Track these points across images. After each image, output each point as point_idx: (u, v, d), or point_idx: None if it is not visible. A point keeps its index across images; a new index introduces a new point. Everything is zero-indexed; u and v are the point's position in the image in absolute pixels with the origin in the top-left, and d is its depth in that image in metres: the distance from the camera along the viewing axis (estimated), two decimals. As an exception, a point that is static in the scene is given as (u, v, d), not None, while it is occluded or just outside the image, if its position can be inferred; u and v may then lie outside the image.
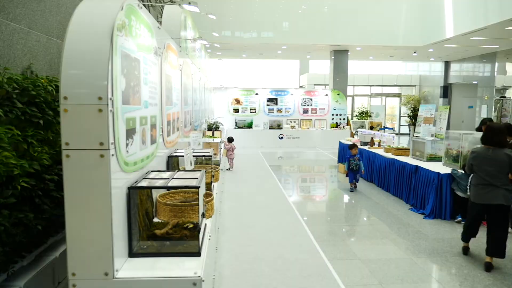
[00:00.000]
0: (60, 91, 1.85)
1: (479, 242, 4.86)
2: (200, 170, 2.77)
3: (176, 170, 2.89)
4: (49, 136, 3.01)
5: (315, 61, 23.30)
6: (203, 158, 4.09)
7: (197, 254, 2.22)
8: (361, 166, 7.72)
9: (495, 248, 4.11)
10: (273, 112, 15.96)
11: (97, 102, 1.84)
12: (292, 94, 16.18)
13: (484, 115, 17.05)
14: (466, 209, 5.52)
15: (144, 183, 2.33)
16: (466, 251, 4.57)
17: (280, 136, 15.15)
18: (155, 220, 2.53)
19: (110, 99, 1.88)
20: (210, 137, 8.39)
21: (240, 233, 5.15)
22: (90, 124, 1.86)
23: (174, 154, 3.62)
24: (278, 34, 14.99)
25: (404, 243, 4.96)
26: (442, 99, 19.90)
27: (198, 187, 2.29)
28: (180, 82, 4.49)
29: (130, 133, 2.21)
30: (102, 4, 2.02)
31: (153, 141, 2.83)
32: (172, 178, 2.50)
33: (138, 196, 2.28)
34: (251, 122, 15.48)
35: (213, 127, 9.56)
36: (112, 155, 1.91)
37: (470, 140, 5.96)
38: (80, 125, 1.86)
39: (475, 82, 18.27)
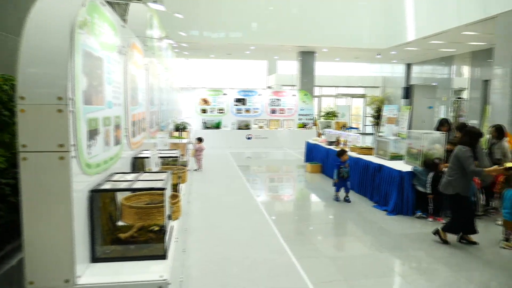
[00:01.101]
0: (17, 91, 1.77)
1: (435, 236, 5.07)
2: (167, 172, 2.73)
3: (142, 172, 2.84)
4: (5, 138, 2.87)
5: (282, 61, 23.53)
6: (170, 159, 4.03)
7: (163, 257, 2.19)
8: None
9: (449, 225, 4.81)
10: (241, 113, 15.97)
11: (57, 102, 1.78)
12: (260, 95, 16.25)
13: (443, 115, 17.83)
14: (426, 204, 5.80)
15: (107, 186, 2.27)
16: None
17: (248, 137, 15.18)
18: (120, 223, 2.46)
19: (71, 99, 1.82)
20: (178, 137, 8.29)
21: (209, 234, 5.12)
22: (49, 125, 1.79)
23: (140, 156, 3.54)
24: (246, 35, 15.02)
25: (368, 240, 5.11)
26: (404, 99, 20.62)
27: (164, 189, 2.26)
28: (146, 81, 4.40)
29: (92, 134, 2.15)
30: (63, 0, 1.95)
31: (117, 142, 2.76)
32: (137, 180, 2.45)
33: (101, 199, 2.21)
34: (219, 123, 15.42)
35: (180, 128, 9.45)
36: (73, 157, 1.85)
37: (429, 139, 6.22)
38: (38, 126, 1.79)
39: (434, 84, 19.07)
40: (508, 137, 6.84)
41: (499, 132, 6.37)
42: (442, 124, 6.89)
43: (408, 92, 20.66)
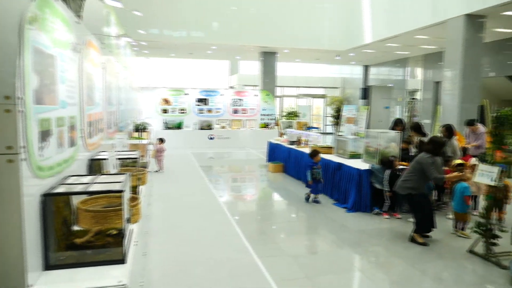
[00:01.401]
0: (-41, 90, 1.66)
1: (394, 230, 5.29)
2: (125, 173, 2.66)
3: (99, 174, 2.74)
4: None
5: (245, 62, 23.58)
6: (129, 160, 3.93)
7: (122, 261, 2.13)
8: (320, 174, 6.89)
9: (417, 226, 4.93)
10: (203, 113, 15.83)
11: (4, 101, 1.68)
12: (222, 95, 16.19)
13: (398, 115, 18.60)
14: (383, 201, 6.02)
15: (61, 189, 2.18)
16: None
17: (211, 137, 15.08)
18: (75, 228, 2.37)
19: (20, 98, 1.72)
20: (137, 138, 8.09)
21: (170, 236, 5.03)
22: (-4, 126, 1.69)
23: (97, 157, 3.42)
24: (208, 34, 14.91)
25: (329, 237, 5.23)
26: (362, 100, 21.30)
27: (122, 191, 2.20)
28: (103, 80, 4.26)
29: (44, 135, 2.05)
30: (10, -5, 1.85)
31: (72, 144, 2.65)
32: (94, 183, 2.37)
33: (54, 204, 2.12)
34: (181, 123, 15.20)
35: (140, 128, 9.23)
36: (23, 159, 1.76)
37: (386, 138, 6.47)
38: (-17, 127, 1.68)
39: (390, 85, 19.86)
40: (457, 136, 7.25)
41: (449, 131, 6.73)
42: (397, 124, 7.18)
43: (366, 93, 21.37)
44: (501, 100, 16.70)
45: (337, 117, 21.31)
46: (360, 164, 6.52)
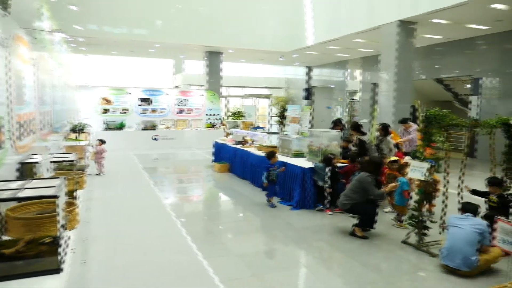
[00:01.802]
0: None
1: (336, 226, 5.51)
2: (60, 177, 2.51)
3: (30, 179, 2.56)
4: None
5: (189, 61, 23.25)
6: (66, 163, 3.71)
7: (57, 270, 2.01)
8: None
9: (360, 221, 5.13)
10: (146, 113, 15.37)
11: None
12: (166, 94, 15.84)
13: (339, 115, 19.39)
14: (324, 198, 6.24)
15: (-14, 196, 2.00)
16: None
17: (155, 137, 14.69)
18: (3, 238, 2.19)
19: None
20: (75, 140, 7.66)
21: (112, 241, 4.82)
22: None
23: (28, 161, 3.20)
24: (151, 32, 14.51)
25: (275, 234, 5.32)
26: (305, 100, 21.93)
27: (56, 196, 2.07)
28: (35, 78, 3.99)
29: (-35, 138, 1.88)
30: None
31: (-1, 147, 2.45)
32: (24, 188, 2.21)
33: (-22, 212, 1.94)
34: (123, 123, 14.63)
35: (78, 129, 8.75)
36: None
37: (327, 137, 6.71)
38: None
39: (332, 86, 20.65)
40: (392, 134, 7.71)
41: (384, 129, 7.14)
42: (336, 124, 7.49)
43: (309, 93, 22.03)
44: (431, 100, 18.05)
45: (282, 117, 21.73)
46: (304, 163, 6.70)
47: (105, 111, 14.75)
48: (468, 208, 4.19)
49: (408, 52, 10.61)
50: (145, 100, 15.42)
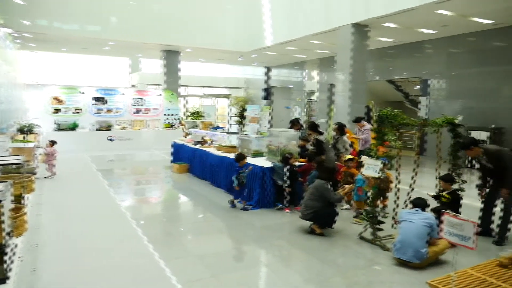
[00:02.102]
0: None
1: (295, 224, 5.60)
2: (5, 182, 2.36)
3: (-28, 183, 2.39)
4: None
5: (146, 60, 22.68)
6: (12, 166, 3.50)
7: (3, 280, 1.89)
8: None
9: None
10: (101, 113, 14.82)
11: None
12: (122, 94, 15.35)
13: (298, 114, 19.74)
14: (284, 197, 6.32)
15: None
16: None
17: (110, 138, 14.21)
18: None
19: None
20: (22, 141, 7.25)
21: (65, 247, 4.61)
22: None
23: (-31, 164, 2.98)
24: (105, 29, 14.01)
25: (235, 235, 5.33)
26: (265, 100, 22.11)
27: (0, 202, 1.95)
28: (-25, 76, 3.72)
29: None
30: None
31: None
32: (-35, 193, 2.06)
33: None
34: (76, 124, 14.02)
35: (26, 130, 8.28)
36: None
37: (286, 136, 6.81)
38: None
39: (290, 86, 20.96)
40: (348, 133, 7.96)
41: (340, 128, 7.36)
42: (294, 124, 7.61)
43: (268, 93, 22.23)
44: (384, 101, 18.80)
45: (241, 116, 21.76)
46: (263, 162, 6.76)
47: (56, 111, 14.06)
48: (418, 203, 4.41)
49: (362, 54, 10.99)
50: (100, 100, 14.87)
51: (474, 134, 11.07)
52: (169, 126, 15.83)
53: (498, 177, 4.92)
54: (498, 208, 5.07)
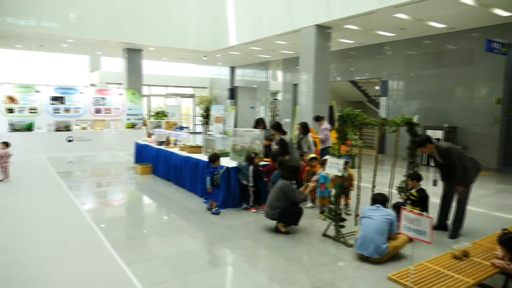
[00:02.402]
0: None
1: (260, 223, 5.63)
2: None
3: None
4: None
5: (107, 58, 21.99)
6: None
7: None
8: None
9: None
10: (59, 112, 14.24)
11: None
12: (82, 93, 14.83)
13: (263, 114, 19.86)
14: (249, 196, 6.34)
15: None
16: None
17: (70, 139, 13.68)
18: None
19: None
20: (-27, 143, 6.83)
21: (19, 255, 4.38)
22: None
23: None
24: (63, 25, 13.47)
25: (200, 235, 5.28)
26: (230, 100, 22.08)
27: None
28: None
29: None
30: None
31: None
32: None
33: None
34: (31, 124, 13.38)
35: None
36: None
37: (251, 136, 6.84)
38: None
39: (255, 86, 21.05)
40: (312, 133, 8.11)
41: (304, 128, 7.48)
42: (258, 123, 7.63)
43: (233, 93, 22.21)
44: (346, 101, 19.32)
45: (206, 116, 21.61)
46: (228, 162, 6.75)
47: (10, 110, 13.37)
48: (378, 199, 4.56)
49: (325, 55, 11.23)
50: (58, 99, 14.29)
51: (430, 133, 11.61)
52: (132, 126, 15.46)
53: (450, 173, 5.19)
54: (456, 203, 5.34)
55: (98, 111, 15.04)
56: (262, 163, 6.58)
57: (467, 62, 11.40)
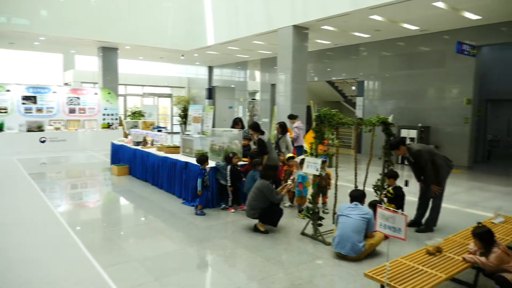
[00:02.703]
0: None
1: (239, 223, 5.64)
2: None
3: None
4: None
5: (81, 56, 21.47)
6: None
7: None
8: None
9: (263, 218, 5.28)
10: (31, 112, 13.81)
11: None
12: (55, 92, 14.43)
13: (241, 114, 19.85)
14: (228, 196, 6.34)
15: None
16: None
17: (42, 140, 13.29)
18: None
19: None
20: None
21: (-10, 259, 4.24)
22: None
23: None
24: (34, 23, 13.05)
25: (178, 236, 5.24)
26: (208, 100, 21.97)
27: None
28: None
29: None
30: None
31: None
32: None
33: None
34: (2, 124, 12.92)
35: None
36: None
37: (229, 136, 6.83)
38: None
39: (233, 86, 21.02)
40: (290, 133, 8.16)
41: (282, 128, 7.52)
42: (236, 123, 7.61)
43: (211, 93, 22.11)
44: (323, 101, 19.55)
45: (184, 116, 21.42)
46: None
47: (-22, 110, 12.87)
48: (356, 195, 4.61)
49: (302, 55, 11.33)
50: (29, 98, 13.85)
51: (404, 132, 11.90)
52: (108, 126, 15.15)
53: (422, 174, 5.37)
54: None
55: (72, 111, 14.67)
56: (241, 163, 6.58)
57: (439, 63, 11.74)
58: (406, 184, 5.63)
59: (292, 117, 9.48)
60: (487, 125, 12.70)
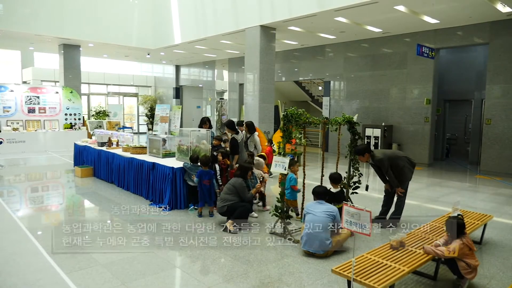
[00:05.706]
0: None
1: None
2: None
3: None
4: None
5: (41, 53, 20.55)
6: None
7: None
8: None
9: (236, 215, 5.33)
10: (-14, 112, 13.11)
11: None
12: (12, 91, 13.75)
13: (209, 114, 19.72)
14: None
15: None
16: None
17: (-1, 141, 12.65)
18: None
19: None
20: None
21: None
22: None
23: None
24: (-12, 17, 12.37)
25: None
26: (175, 99, 21.66)
27: None
28: None
29: None
30: None
31: None
32: None
33: None
34: (-46, 125, 12.20)
35: None
36: None
37: (197, 135, 6.77)
38: None
39: (200, 85, 20.84)
40: (258, 132, 8.20)
41: (249, 127, 7.54)
42: (204, 122, 7.55)
43: (178, 93, 21.82)
44: (291, 101, 19.76)
45: (150, 116, 21.03)
46: (174, 163, 6.62)
47: None
48: (318, 191, 4.67)
49: (270, 55, 11.41)
50: (-16, 98, 13.13)
51: (369, 131, 12.25)
52: (70, 126, 14.62)
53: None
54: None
55: (31, 110, 14.05)
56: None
57: (401, 64, 12.17)
58: (366, 189, 5.87)
59: (240, 123, 9.01)
60: (445, 124, 13.30)
